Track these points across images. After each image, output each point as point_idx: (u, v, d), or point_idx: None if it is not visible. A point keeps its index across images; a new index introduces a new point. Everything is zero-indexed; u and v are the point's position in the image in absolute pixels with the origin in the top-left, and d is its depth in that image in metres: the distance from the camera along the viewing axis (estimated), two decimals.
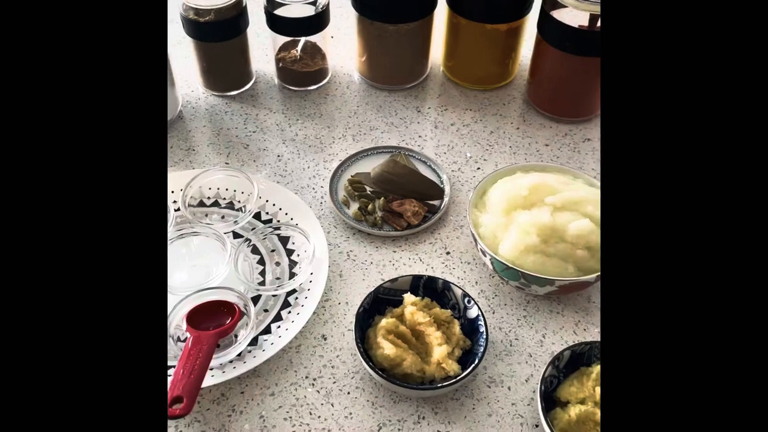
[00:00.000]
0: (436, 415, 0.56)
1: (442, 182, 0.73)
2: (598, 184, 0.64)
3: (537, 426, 0.55)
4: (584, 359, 0.57)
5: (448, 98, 0.84)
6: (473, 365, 0.55)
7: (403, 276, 0.61)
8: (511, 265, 0.58)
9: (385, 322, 0.57)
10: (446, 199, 0.71)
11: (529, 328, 0.62)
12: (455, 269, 0.66)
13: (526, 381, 0.58)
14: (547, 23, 0.75)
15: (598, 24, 0.72)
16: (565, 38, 0.73)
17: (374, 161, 0.74)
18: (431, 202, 0.71)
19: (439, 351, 0.56)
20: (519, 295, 0.64)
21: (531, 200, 0.61)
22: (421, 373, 0.56)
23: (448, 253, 0.68)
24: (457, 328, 0.58)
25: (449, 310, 0.60)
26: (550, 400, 0.55)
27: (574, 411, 0.53)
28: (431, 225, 0.70)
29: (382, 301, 0.61)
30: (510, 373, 0.59)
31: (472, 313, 0.59)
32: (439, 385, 0.54)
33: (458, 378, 0.54)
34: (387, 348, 0.55)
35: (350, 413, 0.56)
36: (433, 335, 0.57)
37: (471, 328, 0.59)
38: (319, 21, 0.79)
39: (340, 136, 0.79)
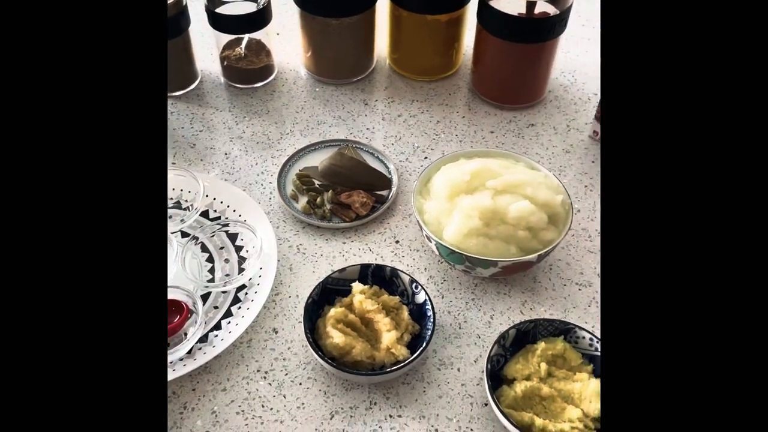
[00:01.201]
0: (388, 399, 0.57)
1: (389, 172, 0.74)
2: (539, 167, 0.66)
3: (486, 404, 0.56)
4: (529, 337, 0.58)
5: (394, 90, 0.85)
6: (421, 349, 0.56)
7: (351, 266, 0.62)
8: (455, 249, 0.59)
9: (334, 311, 0.58)
10: (394, 189, 0.72)
11: (477, 310, 0.63)
12: (404, 257, 0.67)
13: (475, 362, 0.59)
14: (486, 12, 0.76)
15: (536, 11, 0.74)
16: (503, 26, 0.75)
17: (322, 155, 0.75)
18: (379, 193, 0.72)
19: (388, 337, 0.57)
20: (467, 278, 0.65)
21: (473, 185, 0.62)
22: (371, 359, 0.56)
23: (397, 241, 0.69)
24: (405, 313, 0.59)
25: (398, 297, 0.61)
26: (498, 379, 0.56)
27: (519, 387, 0.54)
28: (380, 215, 0.70)
29: (331, 291, 0.61)
30: (459, 354, 0.60)
31: (420, 298, 0.60)
32: (388, 369, 0.55)
33: (407, 362, 0.55)
34: (336, 337, 0.56)
35: (302, 403, 0.56)
36: (382, 322, 0.58)
37: (420, 313, 0.60)
38: (261, 18, 0.79)
39: (288, 132, 0.79)
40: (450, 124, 0.81)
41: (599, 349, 0.56)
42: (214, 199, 0.69)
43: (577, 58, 0.89)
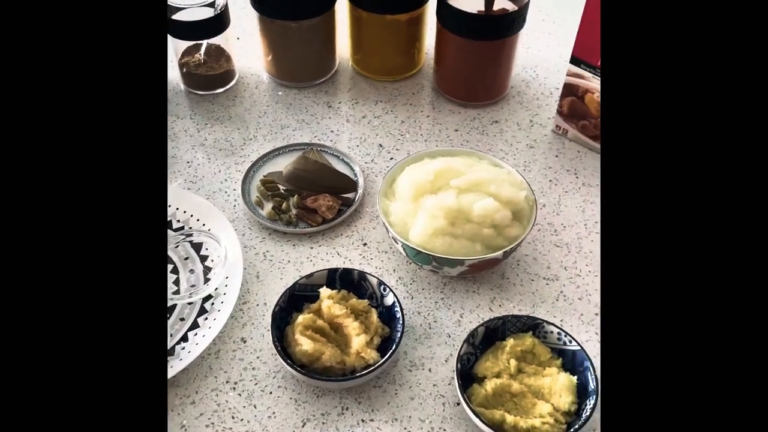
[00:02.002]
0: (360, 404, 0.56)
1: (355, 175, 0.73)
2: (503, 164, 0.66)
3: (458, 404, 0.56)
4: (498, 334, 0.58)
5: (358, 91, 0.85)
6: (391, 351, 0.56)
7: (318, 271, 0.61)
8: (421, 250, 0.59)
9: (302, 318, 0.57)
10: (360, 191, 0.71)
11: (446, 310, 0.63)
12: (373, 259, 0.67)
13: (446, 361, 0.59)
14: (444, 10, 0.76)
15: (495, 8, 0.74)
16: (462, 24, 0.75)
17: (286, 160, 0.74)
18: (345, 196, 0.72)
19: (358, 341, 0.56)
20: (435, 278, 0.65)
21: (437, 184, 0.62)
22: (342, 364, 0.56)
23: (365, 244, 0.68)
24: (374, 316, 0.59)
25: (366, 300, 0.60)
26: (469, 377, 0.56)
27: (490, 385, 0.54)
28: (347, 218, 0.70)
29: (298, 297, 0.61)
30: (430, 355, 0.60)
31: (389, 300, 0.60)
32: (358, 374, 0.55)
33: (377, 365, 0.55)
34: (305, 344, 0.55)
35: (273, 413, 0.56)
36: (351, 326, 0.57)
37: (389, 316, 0.60)
38: (219, 23, 0.78)
39: (251, 137, 0.79)
40: (415, 124, 0.81)
41: (567, 343, 0.57)
42: (177, 208, 0.68)
43: (539, 53, 0.90)
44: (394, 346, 0.56)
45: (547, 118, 0.81)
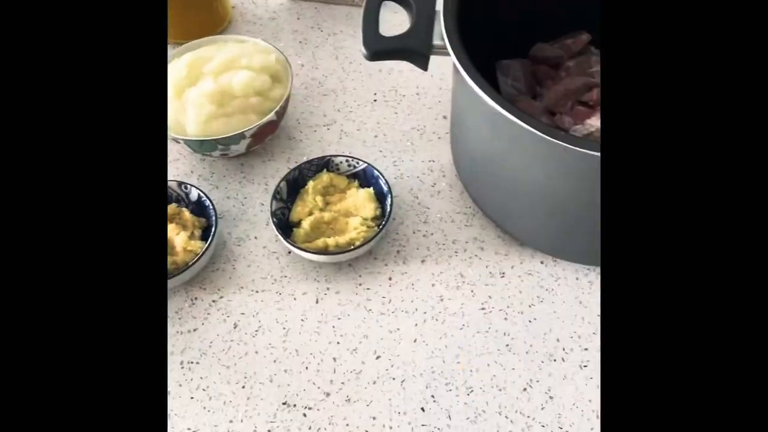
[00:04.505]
0: (205, 289, 0.61)
1: None
2: (247, 38, 0.70)
3: (290, 252, 0.63)
4: (300, 182, 0.65)
5: None
6: (212, 235, 0.60)
7: None
8: (203, 138, 0.63)
9: None
10: None
11: (251, 184, 0.68)
12: (169, 168, 0.69)
13: (267, 225, 0.65)
14: None
15: None
16: None
17: None
18: None
19: (179, 239, 0.60)
20: (231, 164, 0.70)
21: (193, 76, 0.65)
22: (174, 265, 0.60)
23: None
24: (186, 214, 0.62)
25: (174, 203, 0.63)
26: (289, 227, 0.63)
27: (306, 224, 0.61)
28: None
29: None
30: (251, 226, 0.65)
31: (194, 195, 0.64)
32: (191, 264, 0.59)
33: (203, 250, 0.59)
34: None
35: None
36: (169, 229, 0.61)
37: (201, 209, 0.64)
38: None
39: None
40: None
41: (357, 166, 0.65)
42: None
43: None
44: (212, 230, 0.61)
45: None
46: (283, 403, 0.55)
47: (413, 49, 0.54)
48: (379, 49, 0.54)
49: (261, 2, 0.84)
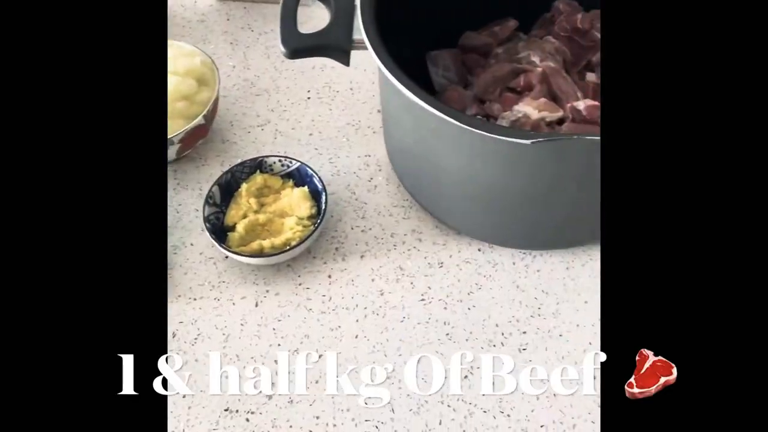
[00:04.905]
0: None
1: None
2: (170, 42, 0.69)
3: (226, 257, 0.62)
4: (233, 185, 0.64)
5: None
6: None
7: None
8: None
9: None
10: None
11: (184, 190, 0.67)
12: None
13: (202, 231, 0.64)
14: None
15: None
16: None
17: None
18: None
19: None
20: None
21: None
22: None
23: None
24: None
25: None
26: (224, 232, 0.62)
27: (240, 227, 0.61)
28: None
29: None
30: (186, 234, 0.64)
31: None
32: None
33: None
34: None
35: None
36: None
37: None
38: None
39: None
40: None
41: (290, 165, 0.65)
42: None
43: None
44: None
45: None
46: (225, 410, 0.54)
47: (332, 45, 0.54)
48: (298, 47, 0.54)
49: (189, 5, 0.82)
